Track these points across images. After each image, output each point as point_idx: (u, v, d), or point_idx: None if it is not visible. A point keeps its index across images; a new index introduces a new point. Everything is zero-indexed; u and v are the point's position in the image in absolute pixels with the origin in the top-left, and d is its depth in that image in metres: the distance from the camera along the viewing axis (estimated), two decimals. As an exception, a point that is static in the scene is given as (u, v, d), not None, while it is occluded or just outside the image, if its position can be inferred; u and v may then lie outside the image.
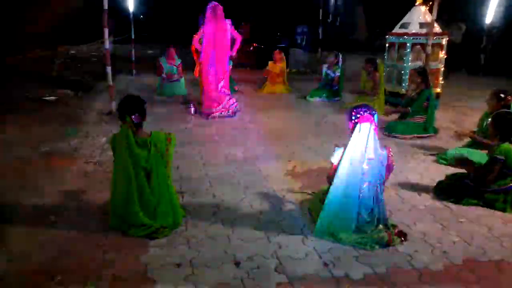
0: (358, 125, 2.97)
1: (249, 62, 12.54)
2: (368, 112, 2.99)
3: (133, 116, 3.03)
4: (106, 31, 6.53)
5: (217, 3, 6.41)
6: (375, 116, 3.01)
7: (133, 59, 11.02)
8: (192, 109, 6.96)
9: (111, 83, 6.83)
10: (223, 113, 6.76)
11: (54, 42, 11.78)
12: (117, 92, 7.08)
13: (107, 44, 6.71)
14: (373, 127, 2.97)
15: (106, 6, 6.36)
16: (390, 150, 3.10)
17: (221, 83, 6.69)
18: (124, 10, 10.71)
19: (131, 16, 10.58)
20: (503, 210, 3.54)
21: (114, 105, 6.68)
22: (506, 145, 3.54)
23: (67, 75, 9.84)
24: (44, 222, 3.23)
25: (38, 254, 2.81)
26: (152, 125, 5.66)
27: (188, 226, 3.20)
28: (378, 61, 7.31)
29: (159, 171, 3.09)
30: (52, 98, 7.56)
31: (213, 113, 6.70)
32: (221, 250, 2.89)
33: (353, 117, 3.02)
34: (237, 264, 2.72)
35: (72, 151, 4.96)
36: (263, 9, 16.61)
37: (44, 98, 7.53)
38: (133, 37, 10.98)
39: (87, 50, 13.41)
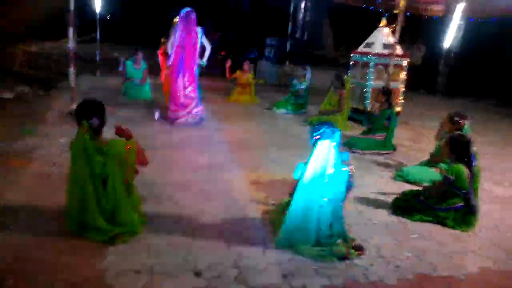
0: (319, 142, 3.07)
1: (217, 71, 12.57)
2: (330, 129, 3.11)
3: (90, 120, 2.97)
4: (71, 30, 6.38)
5: (191, 10, 6.43)
6: (337, 133, 3.13)
7: (98, 59, 10.78)
8: (157, 114, 6.89)
9: (73, 83, 6.64)
10: (188, 119, 6.74)
11: (16, 39, 11.34)
12: (80, 93, 6.90)
13: (71, 44, 6.55)
14: (333, 144, 3.08)
15: (72, 7, 6.21)
16: (352, 168, 3.21)
17: (189, 89, 6.68)
18: (90, 10, 10.49)
19: (97, 16, 10.38)
20: (453, 227, 3.73)
21: (75, 106, 6.49)
22: (458, 166, 3.73)
23: (28, 72, 9.48)
24: (-4, 225, 3.09)
25: (-12, 259, 2.69)
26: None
27: (149, 233, 3.16)
28: (345, 77, 7.52)
29: (115, 178, 3.02)
30: (10, 95, 7.24)
31: (178, 118, 6.67)
32: (182, 259, 2.87)
33: (315, 134, 3.14)
34: (197, 273, 2.71)
35: (29, 152, 4.77)
36: (234, 19, 16.73)
37: (1, 96, 7.19)
38: (98, 37, 10.76)
39: (50, 48, 12.97)
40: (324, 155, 3.05)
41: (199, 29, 6.54)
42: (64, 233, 3.02)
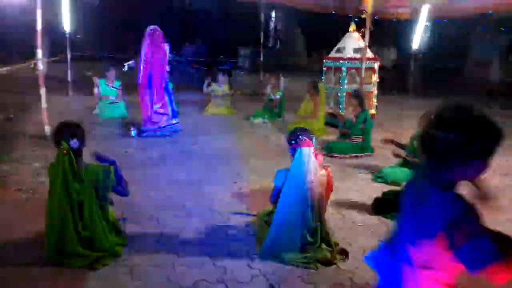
0: (298, 150, 3.09)
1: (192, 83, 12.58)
2: (307, 136, 3.14)
3: (71, 142, 2.89)
4: (40, 51, 6.27)
5: (156, 27, 6.49)
6: (313, 139, 3.16)
7: (69, 80, 10.61)
8: (133, 131, 6.81)
9: (45, 105, 6.51)
10: (158, 132, 6.79)
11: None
12: (52, 114, 6.75)
13: (41, 65, 6.44)
14: (312, 150, 3.10)
15: (39, 26, 6.11)
16: (329, 170, 3.24)
17: (157, 105, 6.73)
18: (59, 29, 10.33)
19: (67, 35, 10.24)
20: (434, 224, 3.79)
21: (47, 129, 6.35)
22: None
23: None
24: (-30, 258, 2.97)
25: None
26: (92, 148, 5.47)
27: (131, 254, 3.09)
28: (320, 84, 7.59)
29: (91, 203, 2.95)
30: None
31: (146, 132, 6.75)
32: (166, 278, 2.81)
33: (293, 142, 3.15)
34: (183, 292, 2.67)
35: (2, 178, 4.63)
36: (208, 31, 16.75)
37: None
38: (69, 56, 10.61)
39: (18, 70, 12.70)
40: (304, 162, 3.07)
41: (166, 46, 6.61)
42: (43, 262, 2.92)
